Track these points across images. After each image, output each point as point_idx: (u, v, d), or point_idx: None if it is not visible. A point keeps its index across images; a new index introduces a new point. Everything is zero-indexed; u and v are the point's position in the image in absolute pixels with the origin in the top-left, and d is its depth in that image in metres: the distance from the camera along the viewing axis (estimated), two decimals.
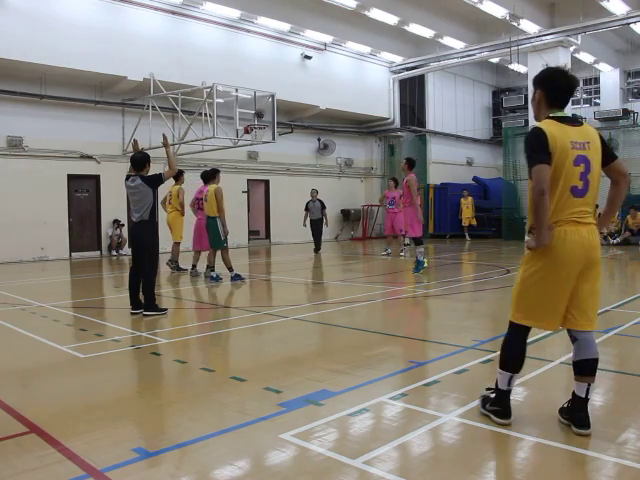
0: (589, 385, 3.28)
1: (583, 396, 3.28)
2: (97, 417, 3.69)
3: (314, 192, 16.34)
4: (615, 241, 18.13)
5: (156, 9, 16.39)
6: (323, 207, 16.18)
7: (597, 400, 3.93)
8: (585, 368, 3.30)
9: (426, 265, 11.23)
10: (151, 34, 16.22)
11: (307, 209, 16.29)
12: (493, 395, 3.51)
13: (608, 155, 3.34)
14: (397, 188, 14.81)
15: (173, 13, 16.75)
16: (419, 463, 2.97)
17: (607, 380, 4.44)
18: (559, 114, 3.31)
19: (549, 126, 3.22)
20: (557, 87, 3.32)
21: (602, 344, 5.40)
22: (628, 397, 3.95)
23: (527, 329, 3.38)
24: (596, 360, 3.31)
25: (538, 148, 3.17)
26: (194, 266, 11.31)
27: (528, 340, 3.42)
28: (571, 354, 4.98)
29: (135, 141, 8.45)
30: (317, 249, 16.32)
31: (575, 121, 3.33)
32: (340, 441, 3.25)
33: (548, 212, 3.16)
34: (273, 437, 3.27)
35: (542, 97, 3.35)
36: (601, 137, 3.35)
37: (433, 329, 6.72)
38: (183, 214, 12.08)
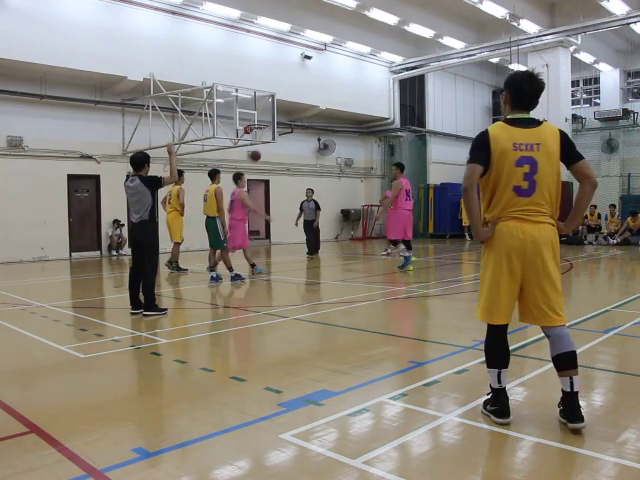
0: (571, 378, 3.30)
1: (569, 390, 3.31)
2: (97, 417, 3.69)
3: (309, 192, 15.86)
4: (615, 241, 18.13)
5: (156, 9, 16.40)
6: (317, 208, 15.68)
7: (597, 400, 3.93)
8: (563, 362, 3.35)
9: (414, 259, 11.46)
10: (151, 34, 16.22)
11: (301, 209, 15.84)
12: (491, 396, 3.53)
13: (570, 156, 3.36)
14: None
15: (173, 13, 16.76)
16: (419, 463, 2.97)
17: (607, 380, 4.44)
18: (517, 116, 3.41)
19: (495, 129, 3.39)
20: (521, 90, 3.42)
21: (602, 344, 5.41)
22: (628, 397, 3.95)
23: (502, 325, 3.44)
24: (571, 353, 3.33)
25: (476, 148, 3.38)
26: (253, 265, 11.33)
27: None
28: None
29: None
30: (315, 251, 15.87)
31: (530, 123, 3.38)
32: (340, 441, 3.25)
33: (476, 207, 3.37)
34: (273, 437, 3.27)
35: (507, 99, 3.47)
36: (564, 138, 3.36)
37: (433, 329, 6.72)
38: (182, 214, 12.09)
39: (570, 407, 3.29)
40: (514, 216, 3.32)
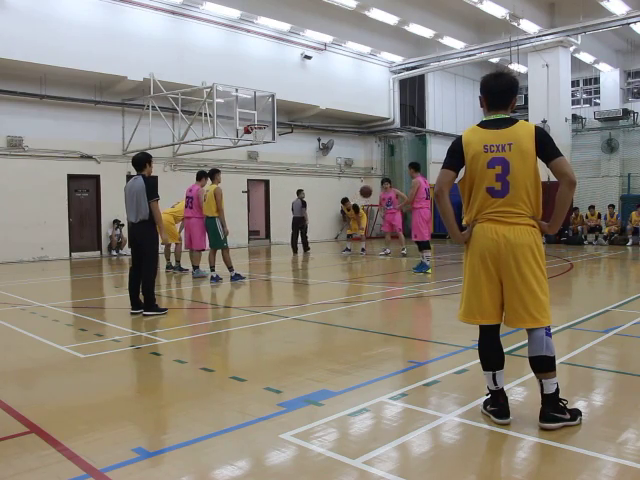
0: (540, 381, 3.32)
1: (540, 392, 3.34)
2: (97, 417, 3.69)
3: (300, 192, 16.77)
4: (605, 241, 18.30)
5: (156, 9, 16.40)
6: (304, 205, 16.58)
7: (597, 400, 3.93)
8: (532, 365, 3.38)
9: (429, 272, 10.97)
10: (151, 34, 16.23)
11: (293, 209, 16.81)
12: (490, 396, 3.54)
13: (546, 154, 3.30)
14: (392, 188, 15.29)
15: (173, 13, 16.76)
16: (419, 463, 2.97)
17: (607, 380, 4.44)
18: (491, 117, 3.44)
19: (468, 133, 3.44)
20: (489, 90, 3.48)
21: (602, 344, 5.41)
22: (628, 397, 3.94)
23: (491, 326, 3.44)
24: (541, 357, 3.31)
25: (449, 154, 3.47)
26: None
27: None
28: (571, 354, 5.01)
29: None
30: (305, 248, 16.85)
31: (503, 123, 3.36)
32: (340, 441, 3.25)
33: (449, 212, 3.42)
34: (273, 437, 3.27)
35: (482, 101, 3.55)
36: (539, 135, 3.29)
37: (433, 329, 6.71)
38: None
39: (542, 407, 3.33)
40: (489, 217, 3.34)
